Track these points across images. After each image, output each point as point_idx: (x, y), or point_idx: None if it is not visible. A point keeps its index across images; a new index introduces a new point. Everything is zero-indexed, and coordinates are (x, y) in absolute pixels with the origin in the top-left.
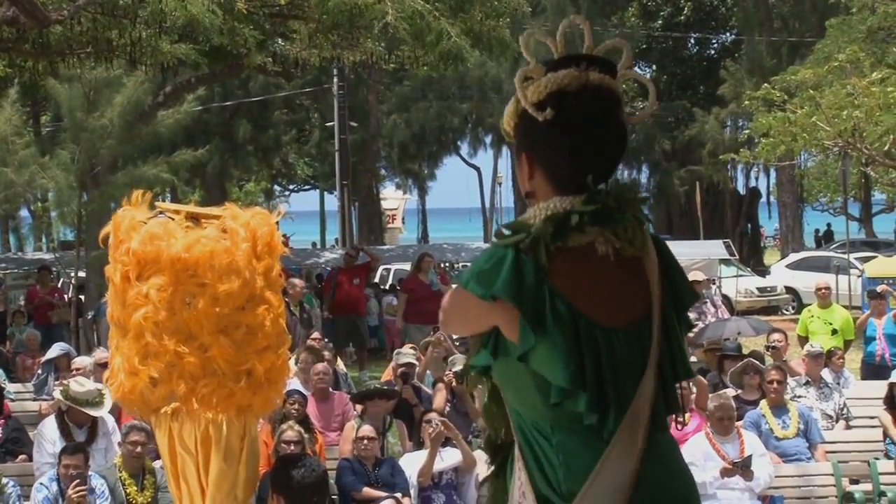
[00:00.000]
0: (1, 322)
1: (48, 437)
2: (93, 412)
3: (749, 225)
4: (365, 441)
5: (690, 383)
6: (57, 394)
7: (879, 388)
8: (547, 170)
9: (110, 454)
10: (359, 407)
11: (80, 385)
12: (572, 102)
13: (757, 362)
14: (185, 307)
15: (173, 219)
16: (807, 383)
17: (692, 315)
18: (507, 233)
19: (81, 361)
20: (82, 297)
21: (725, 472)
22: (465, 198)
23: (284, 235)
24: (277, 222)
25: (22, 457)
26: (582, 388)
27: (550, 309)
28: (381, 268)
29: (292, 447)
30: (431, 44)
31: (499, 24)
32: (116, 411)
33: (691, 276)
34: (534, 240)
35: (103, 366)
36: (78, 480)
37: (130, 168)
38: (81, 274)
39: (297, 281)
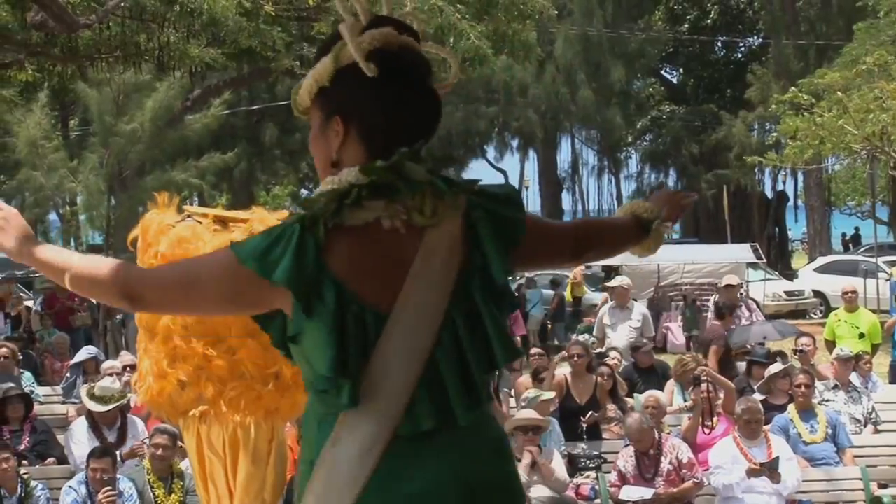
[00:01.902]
0: (18, 325)
1: (78, 438)
2: (98, 407)
3: (776, 228)
4: None
5: (715, 387)
6: (83, 394)
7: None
8: (361, 135)
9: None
10: None
11: (104, 386)
12: (393, 62)
13: (792, 365)
14: None
15: (201, 222)
16: (835, 387)
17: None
18: (298, 209)
19: (110, 365)
20: None
21: (752, 473)
22: None
23: None
24: None
25: (50, 460)
26: (343, 377)
27: (319, 292)
28: None
29: None
30: (452, 46)
31: (524, 27)
32: (145, 415)
33: (725, 280)
34: (312, 217)
35: (129, 369)
36: (109, 488)
37: (158, 172)
38: None
39: None
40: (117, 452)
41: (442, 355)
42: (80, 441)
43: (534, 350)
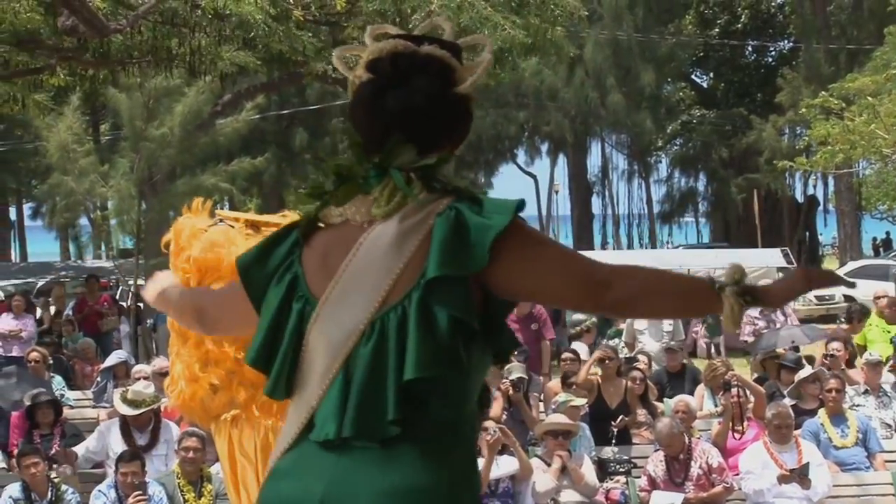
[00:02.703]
0: (49, 331)
1: (110, 439)
2: (129, 411)
3: (807, 233)
4: None
5: (746, 392)
6: (116, 398)
7: None
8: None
9: (171, 461)
10: None
11: (137, 390)
12: (373, 68)
13: (823, 369)
14: None
15: (233, 226)
16: (865, 392)
17: (762, 323)
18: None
19: (142, 369)
20: (141, 304)
21: (783, 479)
22: None
23: None
24: None
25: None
26: (266, 367)
27: (275, 283)
28: None
29: None
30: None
31: (555, 29)
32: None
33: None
34: (302, 219)
35: (163, 374)
36: (139, 492)
37: (189, 177)
38: (140, 282)
39: None
40: (145, 455)
41: (359, 357)
42: (111, 441)
43: (565, 354)
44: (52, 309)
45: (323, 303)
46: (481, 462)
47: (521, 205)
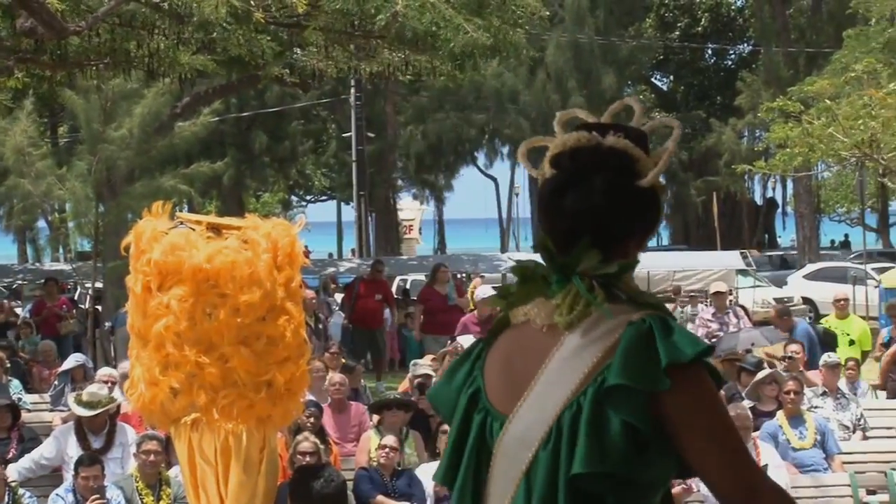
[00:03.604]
0: (3, 334)
1: (66, 443)
2: (84, 412)
3: (766, 235)
4: (387, 449)
5: None
6: (71, 400)
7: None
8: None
9: (126, 464)
10: (375, 418)
11: (92, 392)
12: (565, 161)
13: (778, 371)
14: (206, 318)
15: (194, 229)
16: (823, 394)
17: (715, 325)
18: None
19: (108, 372)
20: (99, 307)
21: None
22: (481, 208)
23: (305, 247)
24: (297, 233)
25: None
26: (450, 484)
27: (461, 399)
28: (398, 278)
29: (307, 458)
30: (446, 40)
31: (516, 31)
32: (133, 422)
33: (714, 287)
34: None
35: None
36: (98, 496)
37: (147, 179)
38: (98, 285)
39: (309, 292)
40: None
41: (539, 461)
42: (65, 445)
43: None
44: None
45: (511, 418)
46: None
47: (710, 349)
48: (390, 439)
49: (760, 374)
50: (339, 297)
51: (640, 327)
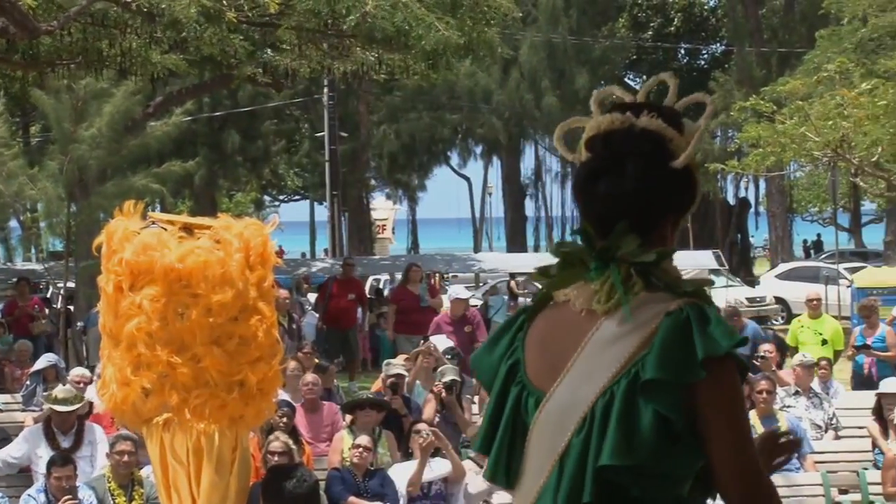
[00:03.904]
0: None
1: (32, 442)
2: (61, 407)
3: (739, 235)
4: (361, 449)
5: None
6: (45, 399)
7: (869, 398)
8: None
9: (96, 463)
10: (348, 417)
11: (66, 389)
12: (599, 144)
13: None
14: (178, 318)
15: (166, 229)
16: (796, 393)
17: None
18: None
19: (80, 373)
20: (71, 307)
21: None
22: (455, 208)
23: (279, 248)
24: (270, 233)
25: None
26: (487, 453)
27: (501, 369)
28: (371, 278)
29: (277, 458)
30: (417, 38)
31: (489, 29)
32: (101, 422)
33: None
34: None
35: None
36: (70, 496)
37: (119, 179)
38: (70, 284)
39: (282, 292)
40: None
41: (572, 447)
42: (34, 446)
43: None
44: None
45: (548, 398)
46: (413, 464)
47: (744, 341)
48: (364, 439)
49: None
50: (312, 296)
51: (678, 318)
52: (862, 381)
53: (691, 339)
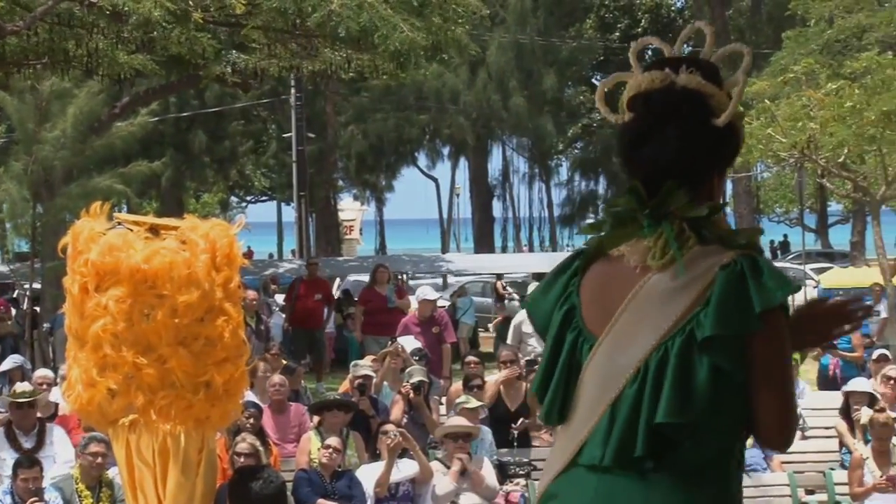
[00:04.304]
0: None
1: None
2: (20, 400)
3: None
4: (331, 449)
5: None
6: (4, 399)
7: (835, 398)
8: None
9: (58, 463)
10: (315, 418)
11: (23, 384)
12: (640, 105)
13: None
14: (143, 318)
15: (132, 230)
16: None
17: None
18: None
19: (44, 374)
20: (37, 308)
21: None
22: (423, 209)
23: (249, 249)
24: (237, 234)
25: None
26: (542, 396)
27: (556, 313)
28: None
29: (243, 459)
30: (382, 38)
31: (456, 30)
32: (66, 424)
33: None
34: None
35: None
36: (36, 498)
37: (85, 180)
38: (36, 285)
39: (251, 293)
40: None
41: (625, 397)
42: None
43: (468, 358)
44: None
45: (599, 343)
46: (381, 465)
47: (798, 288)
48: (335, 440)
49: None
50: (280, 297)
51: (733, 271)
52: (827, 381)
53: (747, 291)
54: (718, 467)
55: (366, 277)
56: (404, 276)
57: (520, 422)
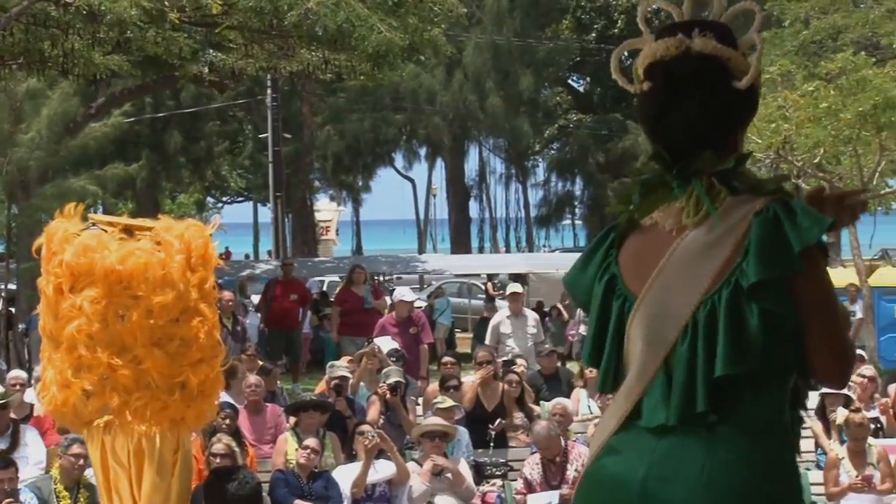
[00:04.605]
0: None
1: None
2: None
3: None
4: (309, 450)
5: None
6: None
7: (811, 397)
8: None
9: (32, 463)
10: (292, 419)
11: None
12: (659, 74)
13: None
14: (118, 319)
15: (106, 231)
16: None
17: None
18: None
19: (17, 375)
20: (13, 309)
21: None
22: (399, 209)
23: (226, 249)
24: (212, 234)
25: None
26: (596, 366)
27: (597, 284)
28: (317, 279)
29: (219, 460)
30: (360, 38)
31: (433, 30)
32: (41, 425)
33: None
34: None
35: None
36: (11, 499)
37: (60, 180)
38: (11, 286)
39: (226, 293)
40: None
41: (678, 354)
42: None
43: (445, 358)
44: None
45: (640, 301)
46: (358, 466)
47: (833, 222)
48: (313, 441)
49: None
50: (256, 298)
51: (767, 216)
52: None
53: (784, 233)
54: (780, 423)
55: (342, 278)
56: (381, 276)
57: (496, 422)
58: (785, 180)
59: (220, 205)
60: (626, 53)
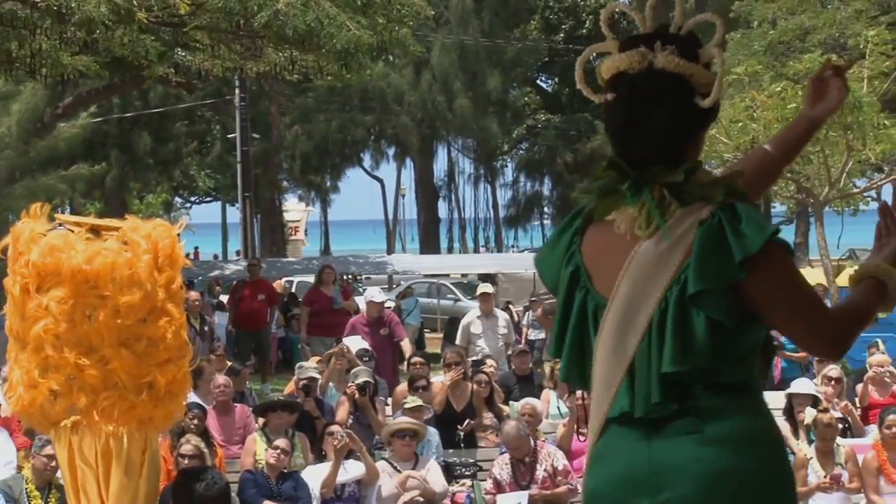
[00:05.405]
0: None
1: None
2: None
3: None
4: (279, 450)
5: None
6: None
7: (777, 398)
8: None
9: (2, 464)
10: (260, 420)
11: None
12: (624, 88)
13: None
14: (85, 319)
15: (73, 231)
16: None
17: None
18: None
19: None
20: None
21: None
22: (368, 210)
23: (195, 249)
24: (179, 234)
25: None
26: (558, 356)
27: (563, 269)
28: (285, 279)
29: (188, 461)
30: (329, 36)
31: (401, 30)
32: (8, 426)
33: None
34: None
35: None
36: None
37: (28, 180)
38: None
39: (193, 293)
40: None
41: (640, 352)
42: None
43: (414, 359)
44: None
45: (608, 309)
46: (327, 466)
47: (777, 231)
48: (283, 441)
49: None
50: (225, 298)
51: (710, 225)
52: (770, 382)
53: (726, 242)
54: (731, 411)
55: (311, 279)
56: (350, 277)
57: (466, 423)
58: (739, 177)
59: (188, 205)
60: (593, 55)
